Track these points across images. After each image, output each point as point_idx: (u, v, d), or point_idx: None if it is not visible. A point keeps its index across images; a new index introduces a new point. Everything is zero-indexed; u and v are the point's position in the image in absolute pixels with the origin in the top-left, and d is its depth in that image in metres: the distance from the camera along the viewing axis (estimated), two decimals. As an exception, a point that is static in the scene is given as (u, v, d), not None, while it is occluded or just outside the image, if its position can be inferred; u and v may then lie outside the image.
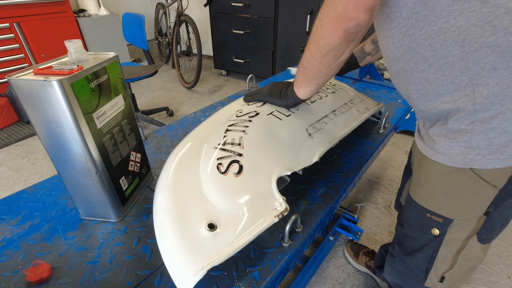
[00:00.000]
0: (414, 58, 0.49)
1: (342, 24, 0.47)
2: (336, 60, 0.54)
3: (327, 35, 0.50)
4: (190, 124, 1.01)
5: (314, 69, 0.57)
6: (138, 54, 3.97)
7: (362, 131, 0.96)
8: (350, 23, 0.47)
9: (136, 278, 0.51)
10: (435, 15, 0.43)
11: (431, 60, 0.47)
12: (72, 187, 0.59)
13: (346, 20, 0.47)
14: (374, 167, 1.91)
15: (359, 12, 0.45)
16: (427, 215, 0.60)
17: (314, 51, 0.55)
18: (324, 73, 0.58)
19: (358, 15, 0.45)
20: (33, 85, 0.46)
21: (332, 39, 0.50)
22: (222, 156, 0.58)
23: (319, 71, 0.57)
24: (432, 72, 0.48)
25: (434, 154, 0.54)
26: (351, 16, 0.46)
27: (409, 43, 0.48)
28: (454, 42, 0.43)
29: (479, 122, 0.46)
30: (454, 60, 0.45)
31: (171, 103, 2.84)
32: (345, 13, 0.46)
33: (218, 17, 3.09)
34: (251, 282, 0.51)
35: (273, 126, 0.66)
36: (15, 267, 0.53)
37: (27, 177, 1.82)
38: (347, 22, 0.47)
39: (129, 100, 0.64)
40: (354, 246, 1.28)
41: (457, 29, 0.42)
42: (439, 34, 0.44)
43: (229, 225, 0.50)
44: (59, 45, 2.37)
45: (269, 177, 0.57)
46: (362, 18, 0.46)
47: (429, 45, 0.46)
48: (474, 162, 0.49)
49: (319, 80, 0.60)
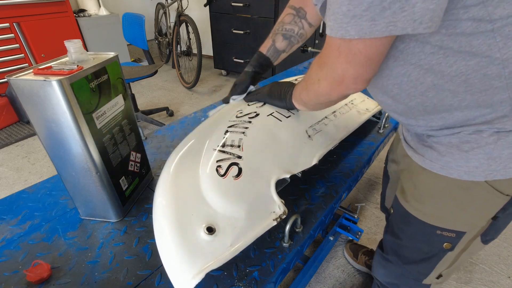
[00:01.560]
0: (440, 95, 0.44)
1: (340, 89, 0.48)
2: (330, 104, 0.58)
3: (324, 93, 0.51)
4: (190, 124, 1.01)
5: (309, 102, 0.60)
6: (138, 54, 3.97)
7: (362, 131, 0.96)
8: (349, 91, 0.48)
9: (136, 278, 0.51)
10: (471, 51, 0.38)
11: (463, 95, 0.42)
12: (72, 187, 0.59)
13: (343, 89, 0.47)
14: (374, 167, 1.91)
15: (357, 84, 0.45)
16: (437, 232, 0.57)
17: (312, 97, 0.57)
18: (317, 107, 0.62)
19: (357, 86, 0.46)
20: (33, 85, 0.46)
21: (328, 96, 0.51)
22: (222, 158, 0.58)
23: (313, 106, 0.61)
24: (464, 106, 0.44)
25: (442, 168, 0.50)
26: (350, 87, 0.46)
27: (433, 80, 0.43)
28: (498, 76, 0.39)
29: (505, 132, 0.43)
30: (494, 92, 0.41)
31: (171, 103, 2.84)
32: (343, 83, 0.46)
33: (218, 17, 3.09)
34: (251, 282, 0.51)
35: (272, 127, 0.66)
36: (15, 267, 0.53)
37: (27, 177, 1.82)
38: (344, 91, 0.48)
39: (129, 100, 0.64)
40: (354, 247, 1.28)
41: (501, 62, 0.38)
42: (477, 69, 0.39)
43: (228, 228, 0.50)
44: (59, 45, 2.37)
45: (268, 180, 0.57)
46: (360, 88, 0.46)
47: (463, 81, 0.41)
48: (496, 172, 0.45)
49: (313, 107, 0.62)
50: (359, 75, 0.43)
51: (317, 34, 2.58)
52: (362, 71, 0.43)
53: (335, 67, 0.45)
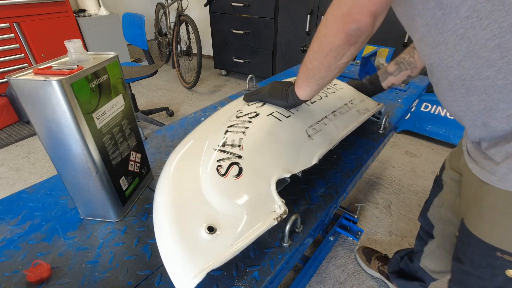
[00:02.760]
0: (476, 64, 0.42)
1: (345, 25, 0.47)
2: (336, 61, 0.53)
3: (330, 34, 0.50)
4: (190, 124, 1.01)
5: (314, 68, 0.57)
6: (138, 54, 3.97)
7: (362, 131, 0.96)
8: (352, 25, 0.46)
9: (136, 278, 0.51)
10: (504, 10, 0.37)
11: (499, 64, 0.40)
12: (72, 187, 0.59)
13: (349, 22, 0.46)
14: (374, 167, 1.91)
15: (362, 15, 0.45)
16: (497, 254, 0.51)
17: (316, 49, 0.54)
18: (324, 74, 0.57)
19: (361, 18, 0.45)
20: (33, 85, 0.46)
21: (334, 38, 0.50)
22: (222, 158, 0.58)
23: (319, 71, 0.56)
24: (500, 78, 0.41)
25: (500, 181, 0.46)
26: (354, 18, 0.45)
27: (468, 46, 0.42)
28: None
29: None
30: None
31: (171, 103, 2.84)
32: (349, 14, 0.45)
33: (218, 17, 3.09)
34: (251, 282, 0.51)
35: (272, 127, 0.66)
36: (15, 267, 0.53)
37: (27, 177, 1.82)
38: (349, 24, 0.46)
39: (129, 100, 0.64)
40: (367, 251, 1.26)
41: None
42: (510, 31, 0.38)
43: (229, 228, 0.50)
44: (59, 45, 2.37)
45: (269, 179, 0.57)
46: (364, 22, 0.45)
47: (496, 45, 0.39)
48: None
49: (319, 81, 0.59)
50: (365, 1, 0.44)
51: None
52: None
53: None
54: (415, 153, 2.07)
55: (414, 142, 2.20)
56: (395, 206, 1.61)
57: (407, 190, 1.72)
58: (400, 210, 1.59)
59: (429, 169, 1.91)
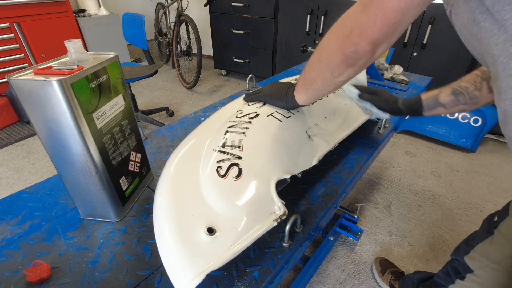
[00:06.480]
0: None
1: (344, 45, 0.46)
2: (333, 78, 0.51)
3: (329, 50, 0.49)
4: (190, 124, 1.01)
5: (312, 78, 0.56)
6: (138, 54, 3.97)
7: (362, 131, 0.96)
8: (351, 47, 0.45)
9: (136, 278, 0.51)
10: None
11: None
12: (72, 187, 0.59)
13: (348, 43, 0.45)
14: (374, 167, 1.92)
15: (361, 40, 0.43)
16: None
17: (315, 60, 0.53)
18: (320, 87, 0.56)
19: (359, 42, 0.44)
20: (33, 85, 0.46)
21: (332, 55, 0.49)
22: (222, 159, 0.58)
23: (315, 82, 0.56)
24: None
25: None
26: (353, 40, 0.44)
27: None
28: None
29: None
30: None
31: (171, 103, 2.84)
32: (350, 36, 0.44)
33: (218, 17, 3.09)
34: (251, 282, 0.51)
35: (273, 128, 0.66)
36: (15, 267, 0.53)
37: (27, 177, 1.82)
38: (348, 46, 0.45)
39: (129, 100, 0.64)
40: (384, 262, 1.24)
41: None
42: None
43: (228, 229, 0.50)
44: (59, 45, 2.37)
45: (268, 180, 0.57)
46: (362, 47, 0.44)
47: None
48: None
49: (315, 92, 0.59)
50: (366, 27, 0.41)
51: (317, 34, 2.58)
52: (370, 24, 0.41)
53: (348, 15, 0.44)
54: (415, 153, 2.07)
55: (414, 142, 2.20)
56: (395, 206, 1.61)
57: (407, 190, 1.73)
58: (400, 210, 1.59)
59: (429, 169, 1.91)
